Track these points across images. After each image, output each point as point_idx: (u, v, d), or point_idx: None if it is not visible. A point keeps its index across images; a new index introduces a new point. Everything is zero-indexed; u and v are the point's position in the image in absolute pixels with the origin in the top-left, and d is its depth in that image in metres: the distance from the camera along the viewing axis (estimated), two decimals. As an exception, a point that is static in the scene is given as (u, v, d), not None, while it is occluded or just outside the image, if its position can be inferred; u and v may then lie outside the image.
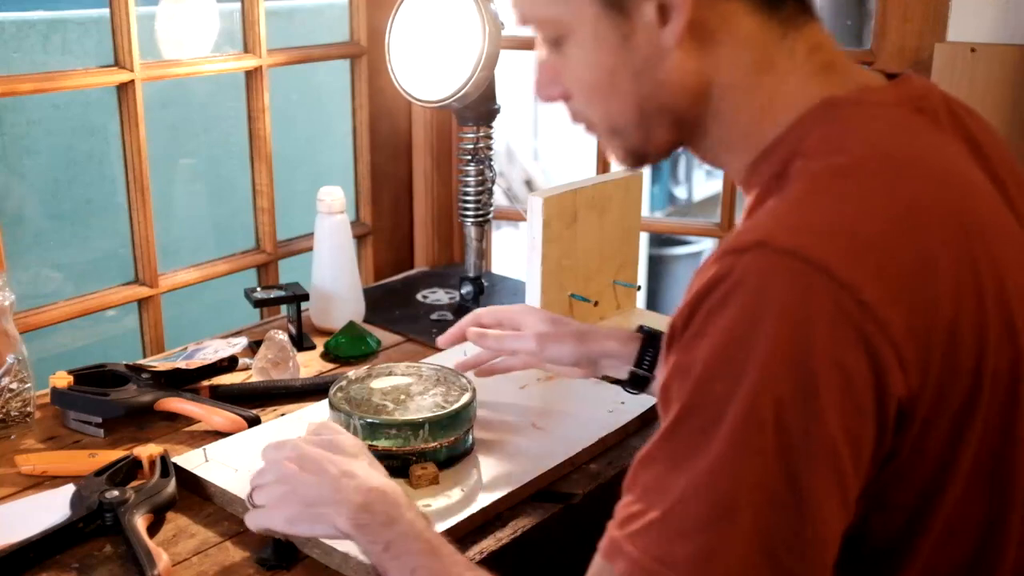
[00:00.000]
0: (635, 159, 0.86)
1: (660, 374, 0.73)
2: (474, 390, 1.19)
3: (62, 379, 1.28)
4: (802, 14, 0.79)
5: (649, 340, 1.17)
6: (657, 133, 0.82)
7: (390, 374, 1.24)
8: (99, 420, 1.25)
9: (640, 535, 0.68)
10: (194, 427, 1.27)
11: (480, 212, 1.65)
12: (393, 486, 0.93)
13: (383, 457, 1.11)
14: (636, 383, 1.17)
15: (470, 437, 1.18)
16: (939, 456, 0.71)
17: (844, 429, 0.65)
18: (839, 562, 0.71)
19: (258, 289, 1.57)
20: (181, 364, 1.34)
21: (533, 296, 1.45)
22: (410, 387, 1.22)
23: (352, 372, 1.24)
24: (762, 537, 0.65)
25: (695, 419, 0.68)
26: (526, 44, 1.91)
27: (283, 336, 1.42)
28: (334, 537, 0.93)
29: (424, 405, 1.17)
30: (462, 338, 1.25)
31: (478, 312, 1.26)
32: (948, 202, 0.72)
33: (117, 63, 1.51)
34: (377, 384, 1.22)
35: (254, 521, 0.95)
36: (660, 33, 0.76)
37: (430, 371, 1.25)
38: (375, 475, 0.94)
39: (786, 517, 0.65)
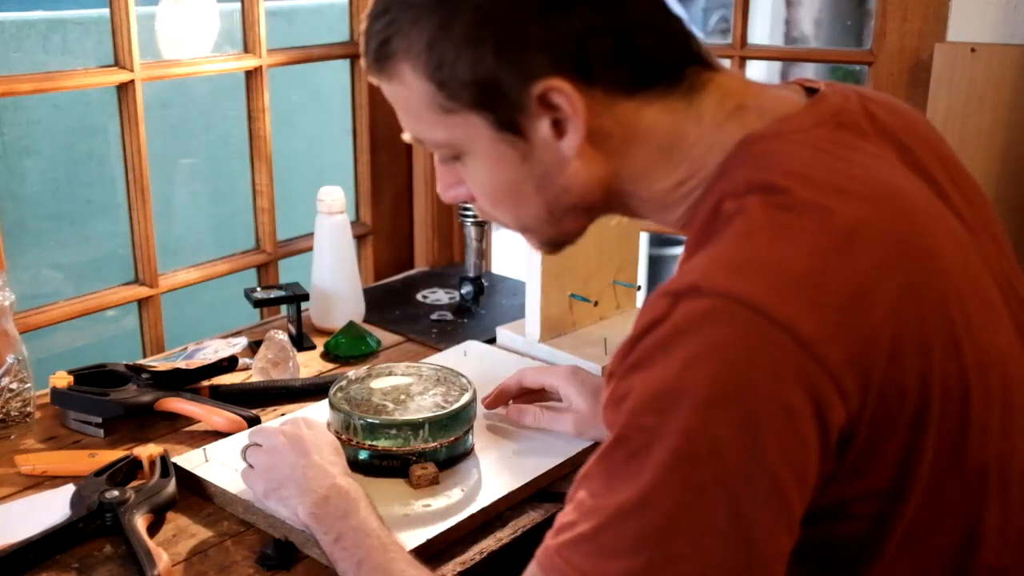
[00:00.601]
0: (552, 247, 0.88)
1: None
2: (474, 390, 1.19)
3: (62, 379, 1.27)
4: (703, 73, 0.79)
5: None
6: (569, 224, 0.84)
7: (390, 374, 1.24)
8: (99, 420, 1.25)
9: (569, 547, 0.70)
10: (194, 427, 1.27)
11: (480, 212, 1.65)
12: (357, 488, 1.00)
13: (383, 457, 1.11)
14: None
15: (470, 437, 1.18)
16: (895, 468, 0.71)
17: (787, 462, 0.66)
18: (803, 570, 0.72)
19: (258, 289, 1.57)
20: (181, 364, 1.34)
21: (533, 296, 1.45)
22: (410, 387, 1.22)
23: (352, 372, 1.24)
24: (702, 566, 0.66)
25: (626, 447, 0.68)
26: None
27: (283, 336, 1.42)
28: (294, 522, 1.01)
29: (424, 405, 1.17)
30: (506, 400, 1.26)
31: (523, 373, 1.25)
32: (882, 223, 0.71)
33: (117, 63, 1.51)
34: (377, 384, 1.22)
35: (243, 479, 1.07)
36: (558, 145, 0.77)
37: (430, 371, 1.25)
38: (345, 478, 1.01)
39: (729, 549, 0.66)
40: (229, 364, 1.40)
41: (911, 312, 0.69)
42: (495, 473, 1.15)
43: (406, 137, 0.85)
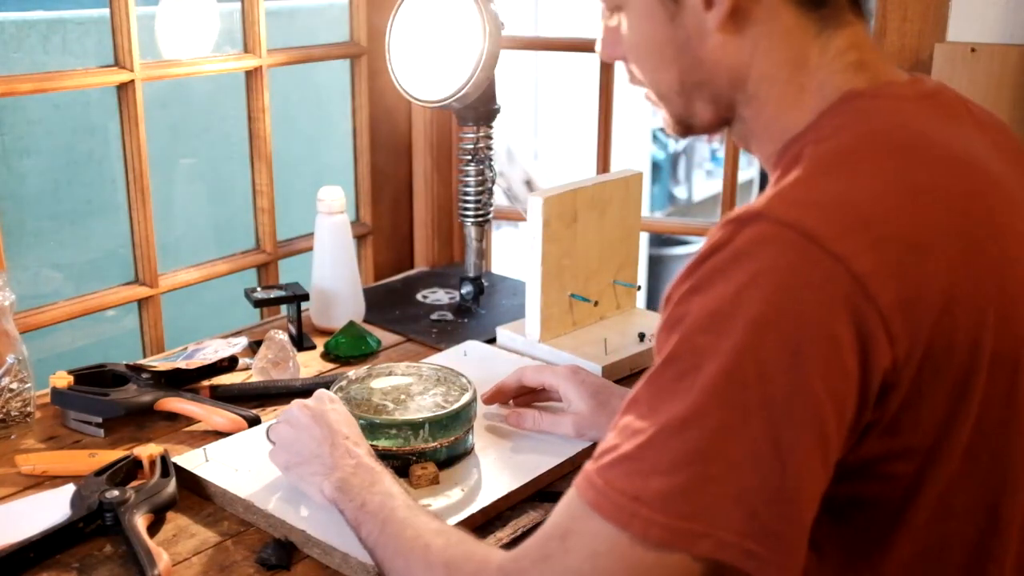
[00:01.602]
0: (681, 127, 0.90)
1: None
2: (474, 390, 1.19)
3: (62, 379, 1.28)
4: (846, 14, 0.82)
5: None
6: (697, 106, 0.86)
7: (390, 374, 1.24)
8: (99, 420, 1.25)
9: (609, 468, 0.70)
10: (194, 427, 1.27)
11: (480, 212, 1.65)
12: (383, 467, 1.01)
13: (383, 457, 1.11)
14: None
15: (470, 437, 1.18)
16: (934, 430, 0.72)
17: (829, 392, 0.67)
18: (834, 528, 0.73)
19: (258, 289, 1.57)
20: (181, 364, 1.34)
21: (533, 296, 1.45)
22: (410, 387, 1.22)
23: (352, 372, 1.24)
24: (738, 487, 0.67)
25: (677, 366, 0.70)
26: (526, 44, 1.91)
27: (283, 336, 1.42)
28: (315, 499, 1.03)
29: (424, 405, 1.17)
30: (504, 398, 1.26)
31: (522, 371, 1.26)
32: (952, 186, 0.74)
33: (117, 63, 1.51)
34: (377, 384, 1.22)
35: (269, 457, 1.10)
36: (705, 16, 0.80)
37: (430, 371, 1.25)
38: (370, 458, 1.03)
39: (766, 473, 0.67)
40: (229, 364, 1.41)
41: (968, 272, 0.71)
42: (495, 473, 1.15)
43: None
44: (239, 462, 1.15)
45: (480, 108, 1.58)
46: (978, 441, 0.73)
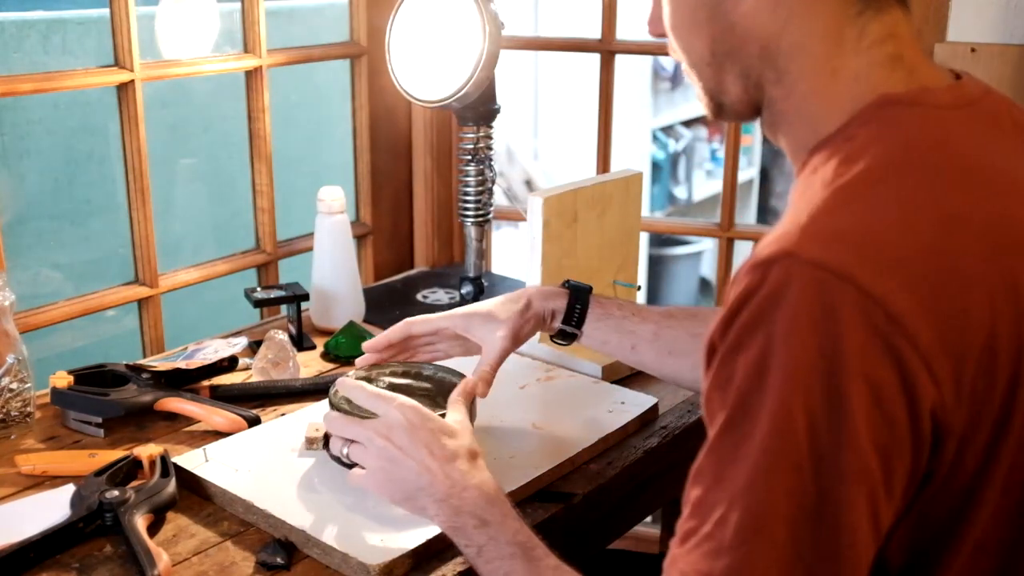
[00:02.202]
0: (713, 105, 0.87)
1: (701, 388, 0.74)
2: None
3: (62, 379, 1.28)
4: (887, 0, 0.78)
5: (576, 295, 1.20)
6: (727, 80, 0.83)
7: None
8: (99, 420, 1.25)
9: (692, 551, 0.69)
10: (194, 427, 1.27)
11: (480, 212, 1.65)
12: (488, 481, 0.96)
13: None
14: (565, 337, 1.21)
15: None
16: (974, 471, 0.70)
17: (873, 442, 0.65)
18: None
19: (258, 289, 1.57)
20: (181, 364, 1.34)
21: (533, 296, 1.44)
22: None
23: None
24: (797, 550, 0.65)
25: (735, 431, 0.68)
26: (526, 44, 1.91)
27: (283, 336, 1.42)
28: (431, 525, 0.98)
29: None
30: (385, 345, 1.21)
31: (409, 323, 1.21)
32: (991, 212, 0.70)
33: (117, 63, 1.51)
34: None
35: (357, 482, 1.01)
36: None
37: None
38: (471, 471, 0.96)
39: (820, 530, 0.65)
40: (229, 364, 1.41)
41: (1009, 307, 0.68)
42: (495, 473, 1.14)
43: None
44: (239, 462, 1.15)
45: (480, 108, 1.58)
46: (1012, 479, 0.71)
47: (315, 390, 1.36)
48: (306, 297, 1.56)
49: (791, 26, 0.78)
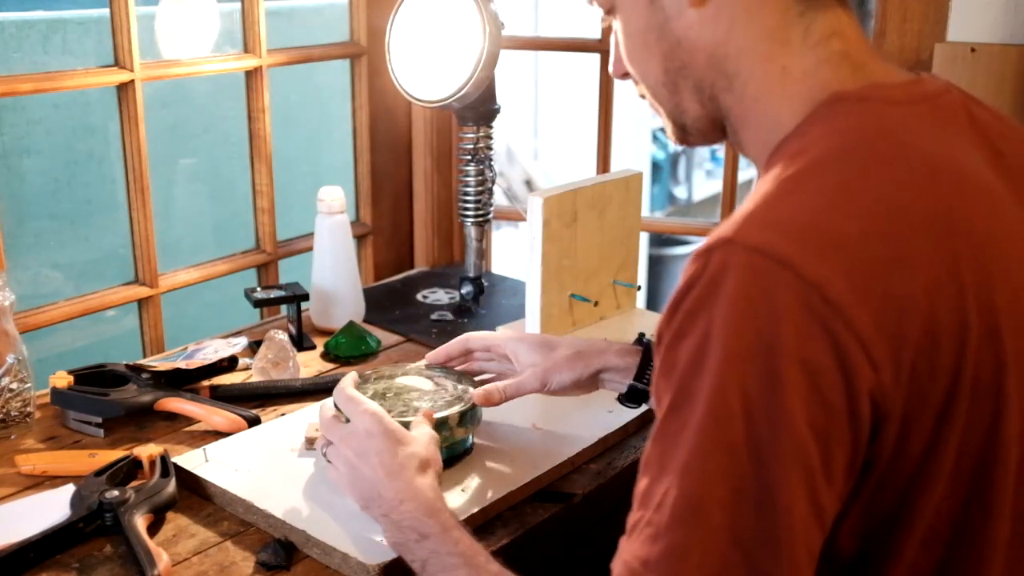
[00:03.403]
0: (677, 129, 0.89)
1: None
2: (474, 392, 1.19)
3: (62, 379, 1.28)
4: None
5: (650, 352, 1.13)
6: (684, 98, 0.85)
7: (392, 376, 1.24)
8: (99, 420, 1.25)
9: (633, 541, 0.69)
10: (194, 427, 1.27)
11: (480, 212, 1.65)
12: (428, 493, 0.95)
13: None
14: (635, 397, 1.14)
15: (470, 437, 1.18)
16: (920, 457, 0.70)
17: (810, 425, 0.65)
18: (821, 566, 0.70)
19: (258, 289, 1.57)
20: (181, 364, 1.34)
21: (533, 296, 1.45)
22: (411, 388, 1.21)
23: (353, 372, 1.23)
24: (734, 534, 0.65)
25: (676, 417, 0.68)
26: (526, 44, 1.91)
27: (283, 336, 1.42)
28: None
29: (426, 407, 1.16)
30: (445, 359, 1.24)
31: (467, 338, 1.23)
32: (933, 200, 0.71)
33: (117, 63, 1.51)
34: (379, 385, 1.21)
35: (332, 480, 1.05)
36: None
37: (432, 372, 1.24)
38: (415, 482, 0.96)
39: (756, 513, 0.65)
40: (229, 364, 1.41)
41: (950, 293, 0.68)
42: (495, 473, 1.15)
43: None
44: (239, 462, 1.15)
45: (480, 108, 1.58)
46: (961, 467, 0.71)
47: (315, 390, 1.36)
48: (306, 297, 1.56)
49: (734, 32, 0.80)
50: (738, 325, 0.66)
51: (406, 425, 1.07)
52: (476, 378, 1.24)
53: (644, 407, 1.18)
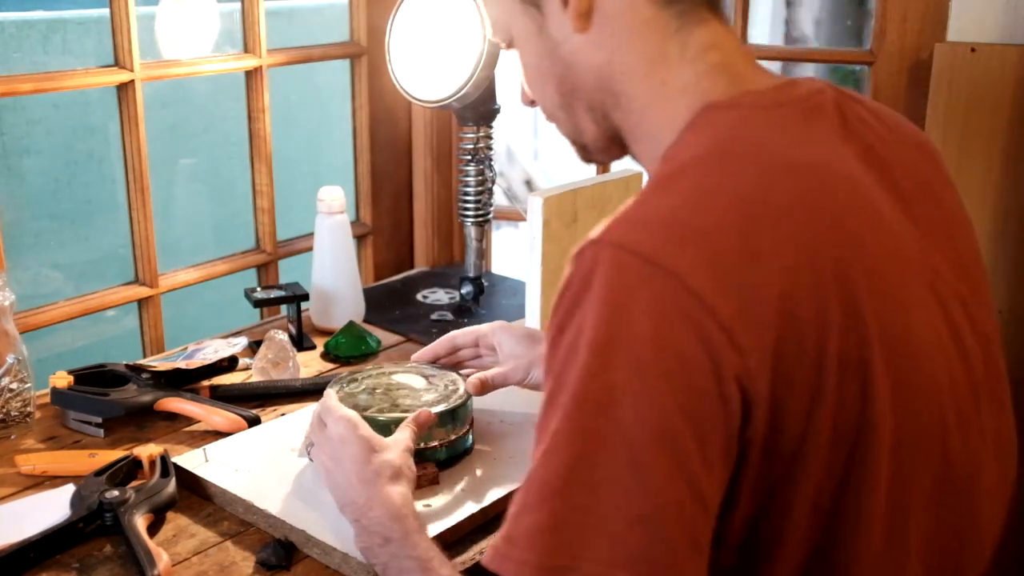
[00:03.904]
0: (580, 149, 0.94)
1: None
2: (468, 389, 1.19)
3: (62, 379, 1.28)
4: (702, 11, 0.83)
5: None
6: (580, 117, 0.89)
7: (389, 373, 1.24)
8: (99, 420, 1.25)
9: (506, 522, 0.72)
10: (194, 427, 1.27)
11: (480, 212, 1.65)
12: (396, 499, 0.96)
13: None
14: None
15: (470, 437, 1.18)
16: (796, 438, 0.71)
17: (682, 411, 0.67)
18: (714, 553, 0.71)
19: (258, 289, 1.57)
20: (181, 364, 1.34)
21: (533, 296, 1.45)
22: (408, 386, 1.21)
23: (348, 371, 1.24)
24: (600, 514, 0.67)
25: (549, 408, 0.71)
26: (526, 44, 1.91)
27: (283, 336, 1.42)
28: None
29: (422, 404, 1.16)
30: (435, 358, 1.27)
31: (453, 336, 1.27)
32: (788, 192, 0.74)
33: (117, 63, 1.51)
34: (376, 383, 1.22)
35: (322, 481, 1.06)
36: (564, 18, 0.83)
37: (429, 371, 1.24)
38: (384, 489, 0.97)
39: (627, 497, 0.66)
40: (229, 364, 1.41)
41: (807, 278, 0.71)
42: (495, 473, 1.15)
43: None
44: (239, 462, 1.15)
45: (480, 108, 1.58)
46: (837, 445, 0.72)
47: (315, 390, 1.35)
48: (306, 297, 1.56)
49: (617, 53, 0.83)
50: (607, 317, 0.68)
51: (379, 423, 1.08)
52: (462, 371, 1.25)
53: None
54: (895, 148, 0.85)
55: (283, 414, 1.30)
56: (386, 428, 1.08)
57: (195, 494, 1.13)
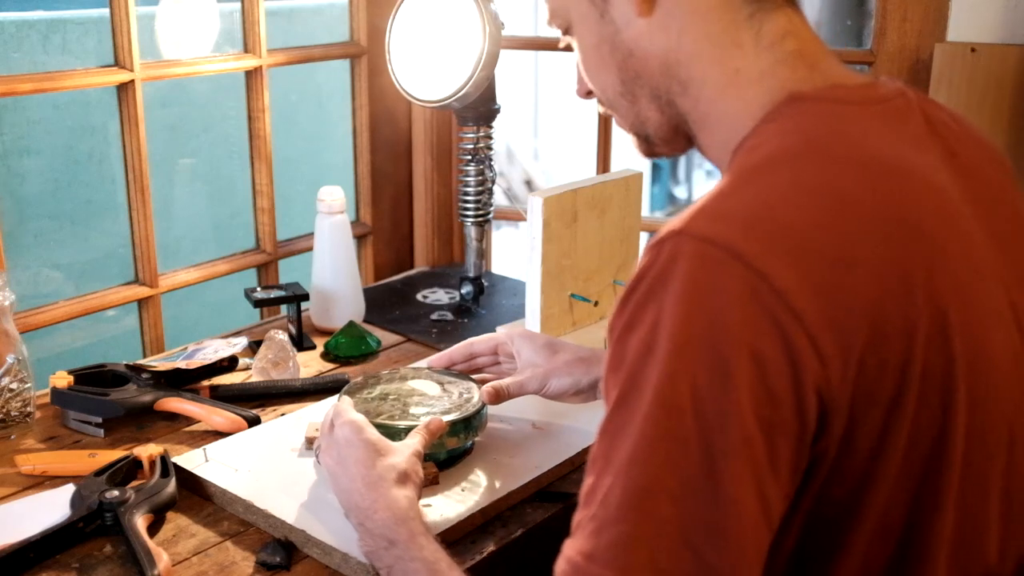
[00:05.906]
0: (642, 142, 0.90)
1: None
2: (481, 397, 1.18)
3: (62, 379, 1.28)
4: None
5: None
6: (643, 106, 0.86)
7: (401, 379, 1.23)
8: (99, 420, 1.25)
9: (577, 537, 0.68)
10: (194, 427, 1.27)
11: (480, 212, 1.65)
12: (401, 502, 0.95)
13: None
14: None
15: (470, 437, 1.18)
16: (869, 453, 0.69)
17: (756, 416, 0.64)
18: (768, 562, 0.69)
19: (258, 289, 1.57)
20: (181, 364, 1.34)
21: (533, 296, 1.45)
22: (417, 391, 1.21)
23: (360, 377, 1.23)
24: (682, 525, 0.64)
25: (624, 409, 0.68)
26: (526, 44, 1.91)
27: (283, 336, 1.42)
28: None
29: (432, 411, 1.16)
30: (452, 364, 1.26)
31: (471, 343, 1.25)
32: (884, 198, 0.71)
33: (117, 63, 1.51)
34: (386, 388, 1.20)
35: (327, 482, 1.04)
36: (627, 4, 0.81)
37: (440, 376, 1.24)
38: (390, 492, 0.96)
39: (705, 505, 0.64)
40: (229, 364, 1.41)
41: (897, 287, 0.68)
42: (495, 473, 1.15)
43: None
44: (239, 462, 1.15)
45: (480, 108, 1.58)
46: (911, 462, 0.70)
47: (315, 390, 1.36)
48: (306, 297, 1.56)
49: (684, 39, 0.81)
50: (687, 314, 0.65)
51: (391, 430, 1.07)
52: (475, 377, 1.24)
53: None
54: (975, 155, 0.82)
55: (283, 414, 1.30)
56: (395, 434, 1.07)
57: (195, 494, 1.13)
